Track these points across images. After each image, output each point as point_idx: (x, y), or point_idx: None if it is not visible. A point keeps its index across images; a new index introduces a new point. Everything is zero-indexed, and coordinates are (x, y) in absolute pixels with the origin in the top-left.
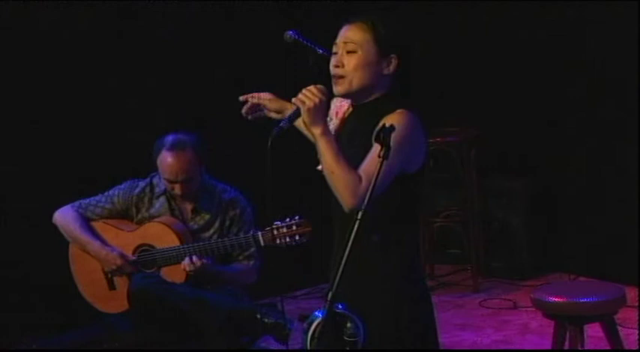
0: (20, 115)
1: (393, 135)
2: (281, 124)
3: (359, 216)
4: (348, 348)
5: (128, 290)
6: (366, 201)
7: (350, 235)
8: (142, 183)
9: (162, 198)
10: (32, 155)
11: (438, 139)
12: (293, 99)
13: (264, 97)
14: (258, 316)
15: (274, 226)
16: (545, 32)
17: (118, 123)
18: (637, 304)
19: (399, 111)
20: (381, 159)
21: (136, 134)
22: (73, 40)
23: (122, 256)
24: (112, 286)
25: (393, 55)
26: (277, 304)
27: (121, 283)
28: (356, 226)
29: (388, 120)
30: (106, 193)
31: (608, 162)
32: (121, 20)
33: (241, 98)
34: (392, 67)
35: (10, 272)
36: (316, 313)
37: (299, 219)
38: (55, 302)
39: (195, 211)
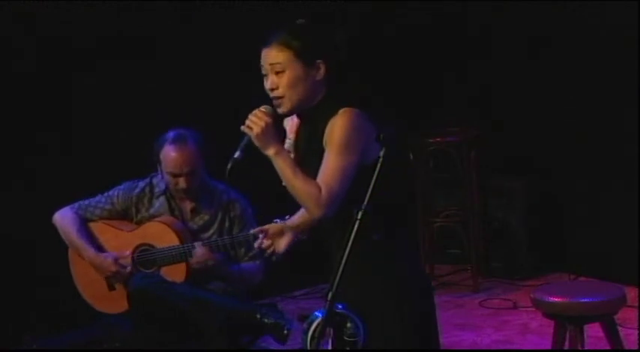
0: (21, 115)
1: (343, 134)
2: (235, 156)
3: (359, 216)
4: (348, 348)
5: (127, 291)
6: (365, 201)
7: (350, 235)
8: (141, 184)
9: (162, 198)
10: (32, 155)
11: (438, 139)
12: (242, 128)
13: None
14: (258, 316)
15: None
16: (545, 32)
17: (118, 123)
18: (637, 304)
19: (341, 111)
20: (381, 160)
21: (136, 134)
22: (73, 39)
23: (117, 262)
24: (111, 286)
25: (318, 61)
26: (277, 304)
27: (121, 283)
28: (356, 226)
29: (334, 122)
30: (105, 194)
31: (608, 161)
32: (120, 20)
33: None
34: (322, 72)
35: (10, 272)
36: (316, 313)
37: None
38: (54, 302)
39: (194, 211)
